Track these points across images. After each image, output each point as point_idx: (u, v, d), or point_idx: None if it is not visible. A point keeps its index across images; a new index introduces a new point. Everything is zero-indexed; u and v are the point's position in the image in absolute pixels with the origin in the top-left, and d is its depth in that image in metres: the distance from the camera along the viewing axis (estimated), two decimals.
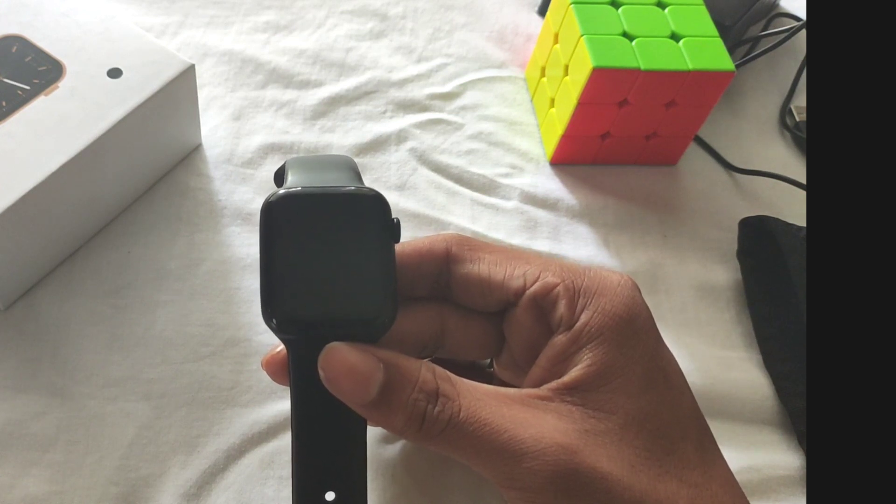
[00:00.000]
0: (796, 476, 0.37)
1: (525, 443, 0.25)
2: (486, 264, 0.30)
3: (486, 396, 0.26)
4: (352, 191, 0.27)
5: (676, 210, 0.46)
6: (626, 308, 0.28)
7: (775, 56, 0.54)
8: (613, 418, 0.26)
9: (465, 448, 0.26)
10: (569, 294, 0.28)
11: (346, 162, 0.30)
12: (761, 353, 0.41)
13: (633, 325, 0.28)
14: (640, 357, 0.28)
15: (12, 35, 0.39)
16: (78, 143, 0.36)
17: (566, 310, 0.28)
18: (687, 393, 0.29)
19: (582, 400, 0.27)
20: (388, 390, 0.26)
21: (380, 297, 0.27)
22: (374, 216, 0.27)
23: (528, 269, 0.29)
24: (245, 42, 0.50)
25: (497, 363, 0.33)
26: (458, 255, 0.30)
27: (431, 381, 0.26)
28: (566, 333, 0.28)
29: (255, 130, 0.46)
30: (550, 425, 0.26)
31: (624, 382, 0.27)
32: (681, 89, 0.43)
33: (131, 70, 0.38)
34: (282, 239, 0.26)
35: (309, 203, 0.27)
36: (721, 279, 0.44)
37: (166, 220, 0.41)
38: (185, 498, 0.33)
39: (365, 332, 0.27)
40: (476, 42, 0.53)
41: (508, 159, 0.47)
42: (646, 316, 0.29)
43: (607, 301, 0.28)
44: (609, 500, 0.25)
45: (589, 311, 0.28)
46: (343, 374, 0.26)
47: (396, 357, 0.26)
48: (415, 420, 0.26)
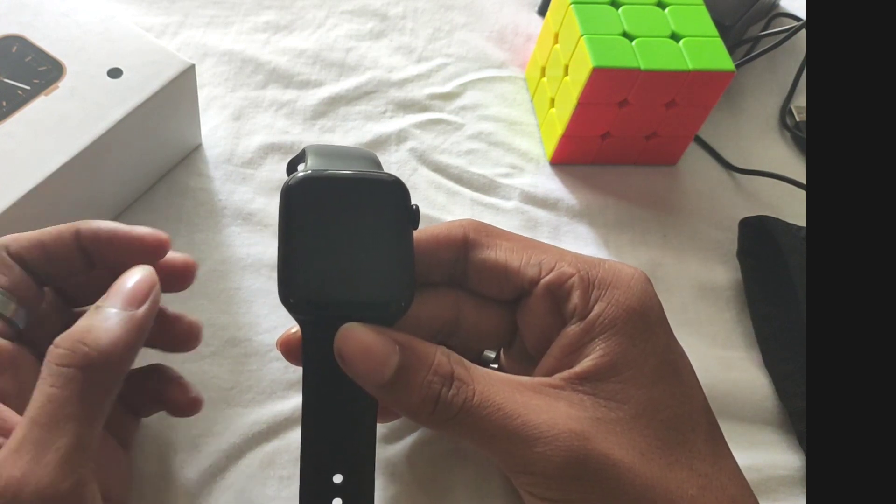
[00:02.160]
0: (797, 476, 0.37)
1: (538, 428, 0.25)
2: (503, 251, 0.30)
3: (500, 382, 0.27)
4: (373, 175, 0.27)
5: (676, 210, 0.46)
6: (639, 301, 0.28)
7: (775, 56, 0.54)
8: (625, 408, 0.27)
9: (477, 432, 0.26)
10: (583, 285, 0.28)
11: (367, 154, 0.31)
12: (761, 353, 0.41)
13: (646, 318, 0.28)
14: (653, 350, 0.28)
15: (12, 35, 0.39)
16: (78, 143, 0.36)
17: (580, 300, 0.28)
18: (697, 387, 0.29)
19: (593, 389, 0.27)
20: (403, 372, 0.26)
21: (397, 282, 0.27)
22: (394, 201, 0.27)
23: (544, 258, 0.30)
24: (245, 42, 0.50)
25: (507, 354, 0.33)
26: (475, 241, 0.30)
27: (446, 364, 0.26)
28: (579, 324, 0.28)
29: (255, 130, 0.46)
30: (563, 412, 0.26)
31: (635, 374, 0.27)
32: (681, 89, 0.43)
33: (131, 70, 0.38)
34: (301, 220, 0.27)
35: (330, 185, 0.27)
36: (721, 279, 0.44)
37: (166, 220, 0.41)
38: (186, 497, 0.33)
39: (381, 315, 0.27)
40: (476, 42, 0.53)
41: (508, 159, 0.47)
42: (658, 309, 0.29)
43: (621, 293, 0.28)
44: (620, 486, 0.25)
45: (603, 302, 0.28)
46: (359, 355, 0.26)
47: (412, 340, 0.26)
48: (429, 402, 0.26)
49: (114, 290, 0.27)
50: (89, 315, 0.26)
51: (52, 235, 0.29)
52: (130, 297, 0.26)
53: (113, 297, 0.26)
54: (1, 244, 0.28)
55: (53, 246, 0.28)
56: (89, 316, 0.26)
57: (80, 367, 0.24)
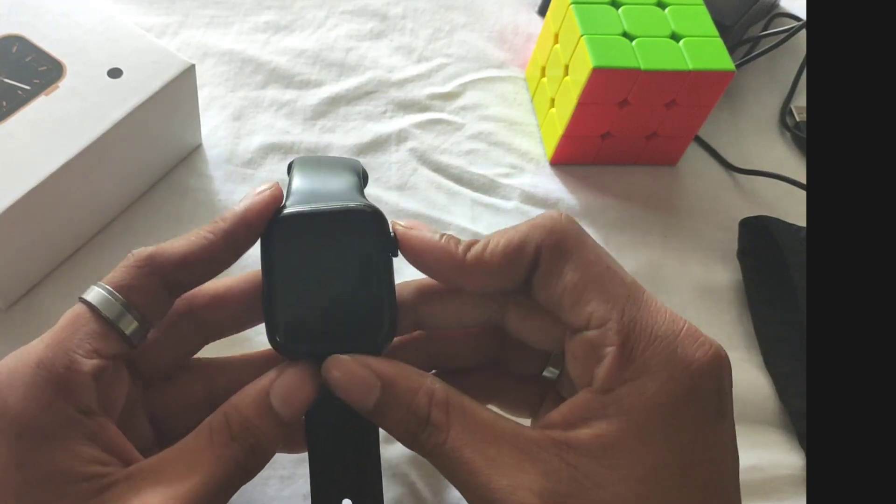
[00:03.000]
0: (798, 476, 0.37)
1: (496, 492, 0.24)
2: (565, 282, 0.26)
3: (480, 430, 0.26)
4: (347, 207, 0.28)
5: (676, 210, 0.46)
6: (671, 398, 0.24)
7: (775, 56, 0.54)
8: (601, 493, 0.24)
9: (445, 473, 0.26)
10: (617, 363, 0.25)
11: (350, 165, 0.31)
12: (761, 353, 0.41)
13: (672, 417, 0.25)
14: (665, 452, 0.24)
15: (12, 35, 0.39)
16: (78, 143, 0.36)
17: (606, 376, 0.25)
18: (713, 493, 0.25)
19: (576, 461, 0.25)
20: (382, 406, 0.26)
21: (379, 313, 0.27)
22: (372, 231, 0.27)
23: (598, 311, 0.26)
24: (245, 42, 0.50)
25: (552, 366, 0.31)
26: (547, 260, 0.27)
27: (424, 407, 0.26)
28: (598, 396, 0.25)
29: (256, 130, 0.46)
30: (530, 480, 0.24)
31: (626, 465, 0.24)
32: (681, 89, 0.43)
33: (131, 70, 0.38)
34: (281, 260, 0.27)
35: (305, 223, 0.27)
36: (721, 279, 0.44)
37: (166, 220, 0.41)
38: None
39: (367, 347, 0.27)
40: (476, 42, 0.53)
41: (509, 159, 0.47)
42: (698, 408, 0.25)
43: (655, 386, 0.25)
44: None
45: (629, 387, 0.25)
46: (342, 386, 0.26)
47: (397, 375, 0.26)
48: (406, 438, 0.26)
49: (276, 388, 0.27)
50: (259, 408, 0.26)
51: (202, 247, 0.27)
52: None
53: (276, 398, 0.26)
54: (145, 256, 0.26)
55: (202, 259, 0.27)
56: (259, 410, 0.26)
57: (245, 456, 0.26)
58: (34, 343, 0.25)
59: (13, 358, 0.25)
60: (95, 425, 0.25)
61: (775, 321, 0.41)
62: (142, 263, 0.26)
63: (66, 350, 0.25)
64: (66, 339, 0.25)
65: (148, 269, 0.26)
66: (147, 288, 0.26)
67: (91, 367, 0.25)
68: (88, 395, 0.25)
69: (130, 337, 0.26)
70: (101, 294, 0.26)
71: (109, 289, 0.26)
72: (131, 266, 0.26)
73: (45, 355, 0.25)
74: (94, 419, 0.25)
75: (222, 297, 0.29)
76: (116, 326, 0.26)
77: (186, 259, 0.27)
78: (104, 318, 0.25)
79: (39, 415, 0.24)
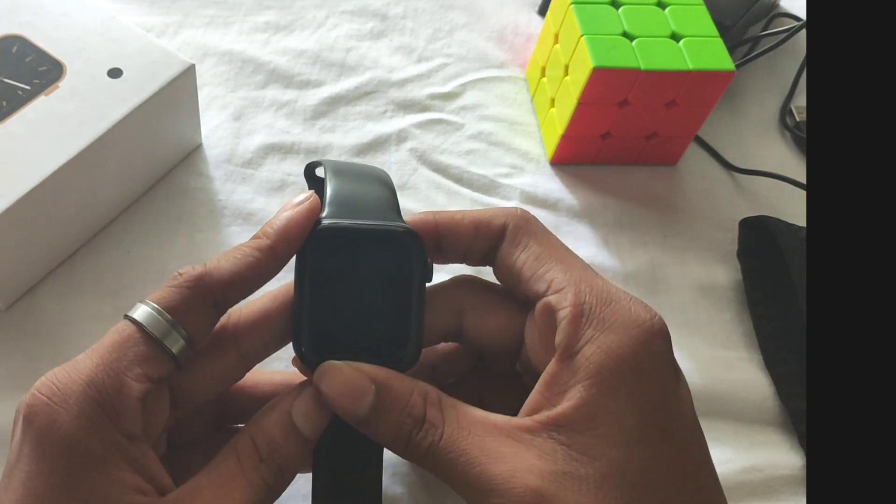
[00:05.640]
0: (798, 476, 0.37)
1: (495, 479, 0.25)
2: (526, 254, 0.29)
3: (473, 425, 0.26)
4: (390, 229, 0.28)
5: (676, 210, 0.46)
6: (633, 352, 0.26)
7: (775, 56, 0.54)
8: (596, 465, 0.25)
9: (442, 473, 0.26)
10: (576, 319, 0.26)
11: (384, 179, 0.31)
12: (761, 353, 0.41)
13: (637, 373, 0.26)
14: (637, 407, 0.26)
15: (12, 35, 0.39)
16: (78, 143, 0.36)
17: (567, 336, 0.26)
18: (691, 451, 0.27)
19: (569, 440, 0.25)
20: (377, 411, 0.26)
21: (405, 338, 0.28)
22: (410, 258, 0.28)
23: (557, 277, 0.28)
24: (245, 42, 0.50)
25: (519, 361, 0.32)
26: (511, 235, 0.29)
27: (420, 406, 0.26)
28: (566, 362, 0.26)
29: (256, 130, 0.46)
30: (527, 464, 0.25)
31: (612, 430, 0.25)
32: (681, 89, 0.43)
33: (131, 70, 0.38)
34: (316, 273, 0.27)
35: (344, 238, 0.27)
36: (721, 279, 0.44)
37: (167, 220, 0.41)
38: None
39: (389, 368, 0.27)
40: (476, 42, 0.53)
41: (509, 159, 0.47)
42: (657, 365, 0.26)
43: (616, 340, 0.26)
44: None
45: (592, 345, 0.26)
46: (335, 391, 0.26)
47: (390, 379, 0.27)
48: (400, 441, 0.26)
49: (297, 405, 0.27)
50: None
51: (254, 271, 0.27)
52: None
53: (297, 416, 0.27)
54: (194, 276, 0.26)
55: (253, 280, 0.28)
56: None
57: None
58: (81, 359, 0.25)
59: (63, 373, 0.25)
60: (137, 451, 0.25)
61: (775, 321, 0.41)
62: (191, 284, 0.26)
63: (116, 372, 0.25)
64: (116, 361, 0.25)
65: (198, 289, 0.26)
66: (196, 308, 0.26)
67: (139, 392, 0.25)
68: (135, 420, 0.25)
69: (177, 356, 0.26)
70: (149, 312, 0.26)
71: (157, 307, 0.26)
72: (181, 286, 0.26)
73: (96, 375, 0.24)
74: (138, 445, 0.25)
75: (261, 322, 0.28)
76: (163, 345, 0.25)
77: (235, 280, 0.27)
78: (151, 336, 0.25)
79: (88, 437, 0.24)
